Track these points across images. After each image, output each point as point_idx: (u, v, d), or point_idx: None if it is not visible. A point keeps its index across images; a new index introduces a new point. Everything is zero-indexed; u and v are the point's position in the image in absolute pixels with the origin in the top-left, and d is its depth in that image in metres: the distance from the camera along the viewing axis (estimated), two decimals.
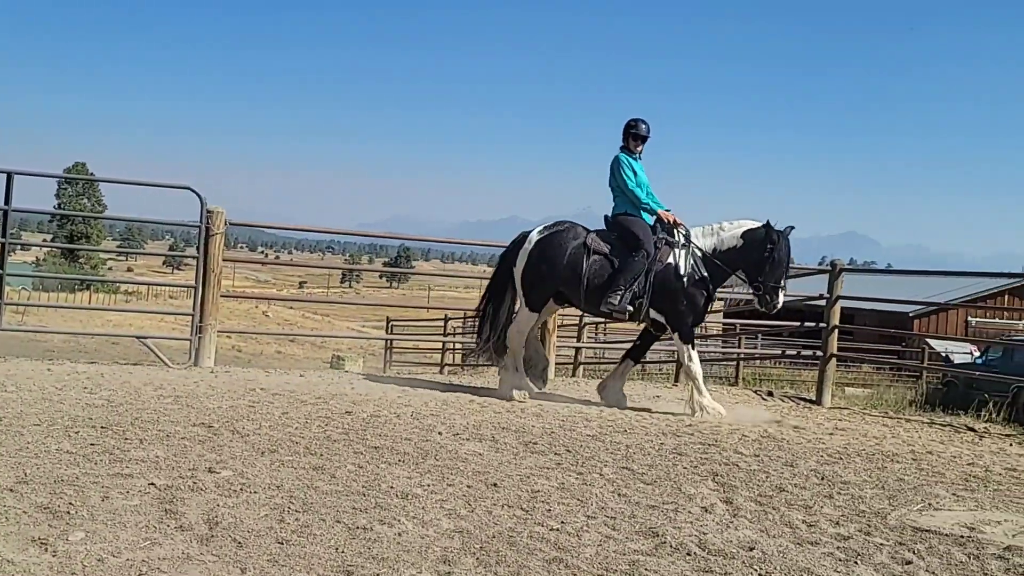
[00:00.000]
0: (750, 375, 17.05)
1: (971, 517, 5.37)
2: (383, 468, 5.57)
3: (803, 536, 4.70)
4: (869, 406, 11.84)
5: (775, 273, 8.62)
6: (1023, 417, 10.54)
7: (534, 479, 5.58)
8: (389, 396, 8.68)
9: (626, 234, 8.93)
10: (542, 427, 7.55)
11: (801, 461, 6.85)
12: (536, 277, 9.11)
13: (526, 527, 4.50)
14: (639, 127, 9.24)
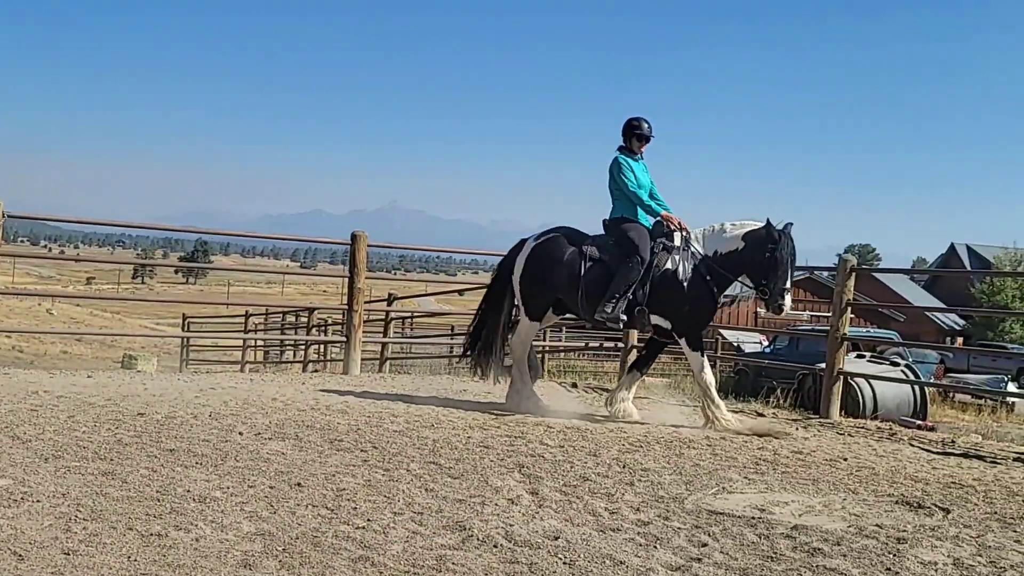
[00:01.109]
0: (555, 367, 17.44)
1: (761, 499, 5.68)
2: (179, 471, 5.36)
3: (606, 523, 4.84)
4: (667, 394, 12.35)
5: (780, 274, 8.23)
6: (808, 402, 11.24)
7: (339, 477, 5.51)
8: (186, 396, 8.36)
9: (622, 239, 8.58)
10: (348, 424, 7.46)
11: (604, 450, 7.06)
12: (535, 285, 8.87)
13: (331, 526, 4.43)
14: (642, 127, 8.86)
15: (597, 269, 8.53)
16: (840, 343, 10.58)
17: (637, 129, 8.83)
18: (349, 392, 9.41)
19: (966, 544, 4.83)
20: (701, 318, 8.70)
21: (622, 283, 8.36)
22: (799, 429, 9.23)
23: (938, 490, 6.32)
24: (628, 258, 8.42)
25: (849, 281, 10.59)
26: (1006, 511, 5.74)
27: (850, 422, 10.23)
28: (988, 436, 10.43)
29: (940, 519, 5.41)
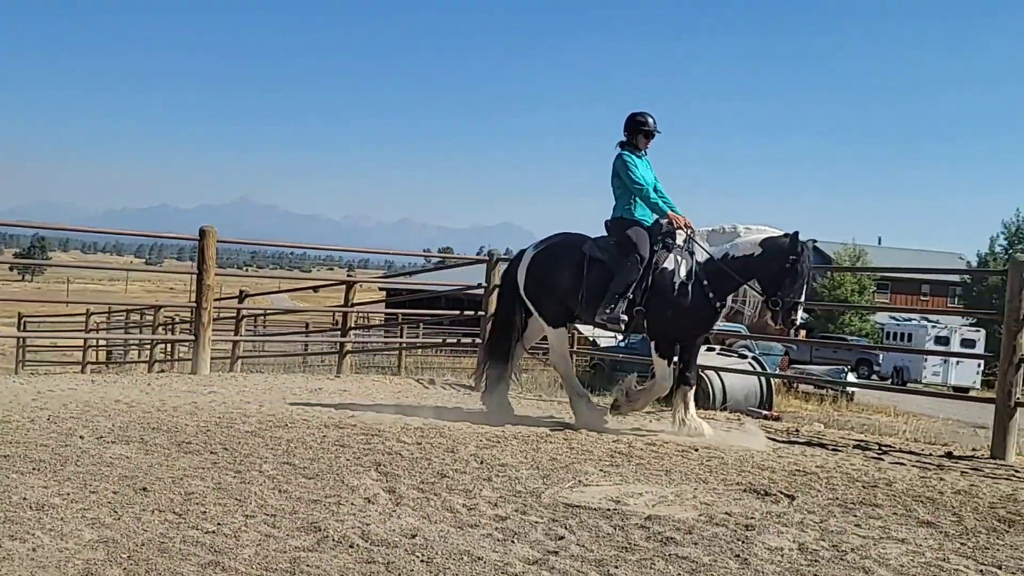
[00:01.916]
0: (412, 364, 17.38)
1: (617, 491, 5.80)
2: (15, 478, 5.09)
3: (464, 520, 4.85)
4: (524, 390, 12.45)
5: (796, 288, 7.82)
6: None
7: (188, 480, 5.34)
8: (22, 399, 7.97)
9: (621, 238, 8.33)
10: (196, 426, 7.24)
11: (462, 447, 7.07)
12: (544, 293, 8.66)
13: (179, 532, 4.29)
14: (647, 122, 8.53)
15: (598, 270, 8.29)
16: None
17: (643, 125, 8.50)
18: (198, 393, 9.15)
19: (810, 529, 5.04)
20: (685, 325, 8.18)
21: (621, 283, 8.10)
22: (652, 422, 9.46)
23: (784, 478, 6.57)
24: (627, 257, 8.16)
25: None
26: (847, 496, 6.02)
27: (700, 413, 10.54)
28: (830, 425, 10.95)
29: (786, 506, 5.63)
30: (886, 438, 9.62)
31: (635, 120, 8.52)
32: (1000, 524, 5.42)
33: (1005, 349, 8.53)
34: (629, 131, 8.54)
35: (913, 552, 4.66)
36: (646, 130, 8.50)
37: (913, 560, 4.49)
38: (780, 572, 4.17)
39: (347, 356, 13.90)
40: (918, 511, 5.67)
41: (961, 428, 15.19)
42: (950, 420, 17.44)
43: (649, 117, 8.52)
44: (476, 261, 16.96)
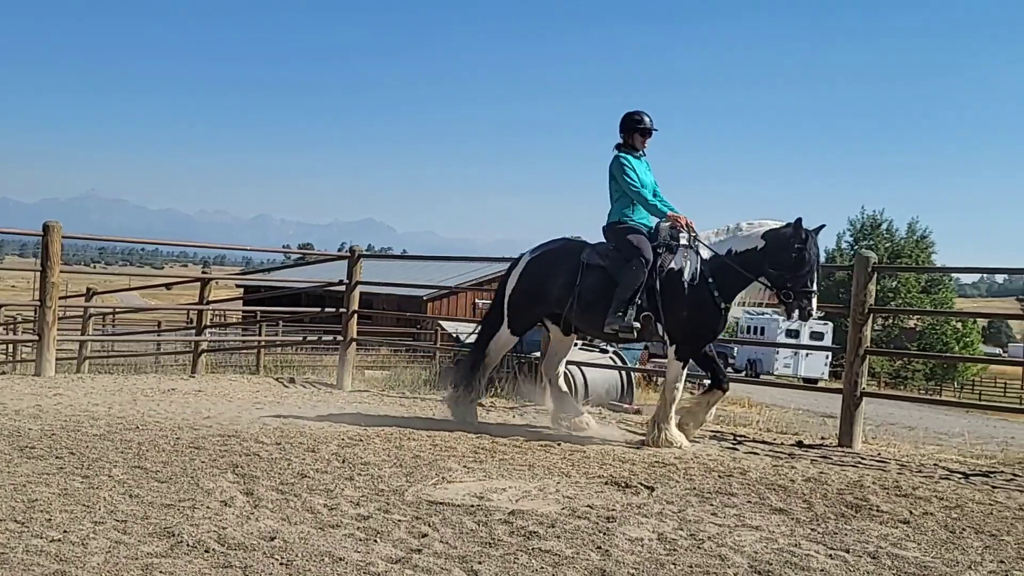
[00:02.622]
0: (271, 362, 17.03)
1: (480, 487, 5.82)
2: None
3: (325, 520, 4.78)
4: (387, 387, 12.38)
5: (806, 276, 7.53)
6: (524, 390, 11.60)
7: (31, 487, 5.10)
8: None
9: (621, 243, 7.96)
10: (40, 430, 6.92)
11: (323, 446, 6.97)
12: (525, 299, 8.41)
13: (21, 541, 4.08)
14: (644, 121, 8.23)
15: (593, 277, 7.97)
16: None
17: (640, 124, 8.22)
18: (42, 395, 8.75)
19: (669, 519, 5.16)
20: (698, 326, 7.82)
21: (627, 289, 7.73)
22: (515, 417, 9.54)
23: (644, 469, 6.72)
24: (630, 261, 7.79)
25: None
26: (704, 486, 6.19)
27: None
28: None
29: (646, 497, 5.75)
30: (740, 428, 9.96)
31: (631, 119, 8.25)
32: (848, 510, 5.67)
33: (851, 341, 8.93)
34: (625, 131, 8.25)
35: (767, 539, 4.83)
36: (642, 128, 8.21)
37: (767, 547, 4.65)
38: (640, 562, 4.25)
39: (202, 355, 13.53)
40: (771, 499, 5.87)
41: (811, 418, 15.84)
42: (800, 410, 18.14)
43: (645, 115, 8.24)
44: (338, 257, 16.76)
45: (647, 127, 8.23)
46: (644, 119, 8.21)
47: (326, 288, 17.45)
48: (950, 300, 59.86)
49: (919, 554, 4.66)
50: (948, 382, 54.77)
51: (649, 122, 8.23)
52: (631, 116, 8.25)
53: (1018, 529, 5.34)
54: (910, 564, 4.45)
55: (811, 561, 4.41)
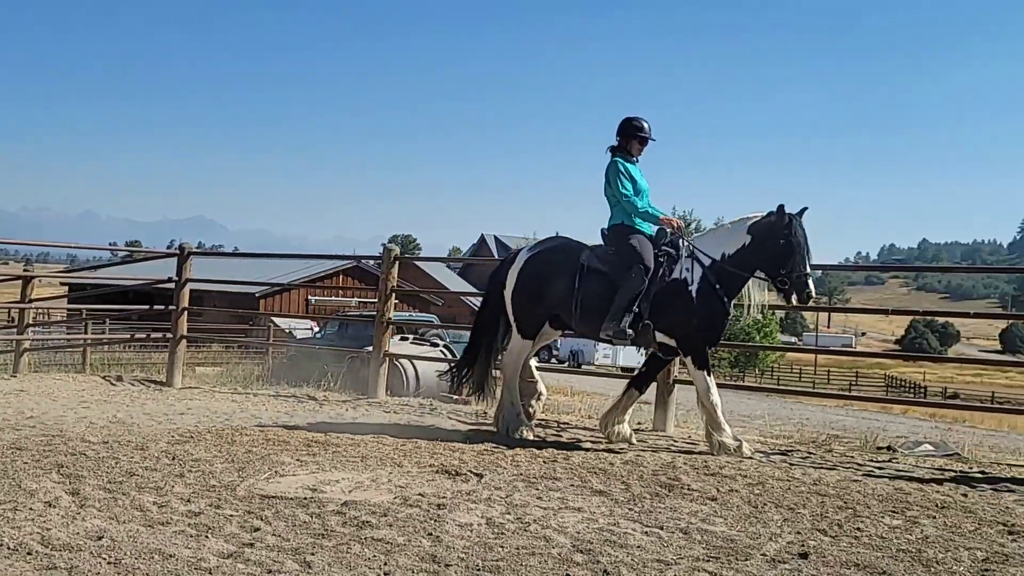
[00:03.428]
0: (98, 360, 16.22)
1: (313, 479, 5.71)
2: None
3: (154, 518, 4.58)
4: (219, 384, 12.01)
5: (798, 260, 7.29)
6: (356, 384, 11.47)
7: None
8: None
9: (622, 248, 7.61)
10: None
11: (152, 444, 6.69)
12: (528, 300, 7.90)
13: None
14: (643, 128, 7.87)
15: (594, 281, 7.62)
16: (386, 327, 10.94)
17: (639, 131, 7.87)
18: None
19: (497, 504, 5.20)
20: (710, 333, 7.56)
21: (626, 295, 7.43)
22: (348, 410, 9.42)
23: (473, 458, 6.75)
24: (631, 268, 7.47)
25: (393, 269, 11.00)
26: (530, 472, 6.27)
27: (395, 400, 10.63)
28: None
29: (475, 484, 5.78)
30: (564, 416, 10.13)
31: (631, 125, 7.89)
32: (662, 489, 5.85)
33: None
34: (624, 136, 7.90)
35: (588, 519, 4.93)
36: (642, 136, 7.88)
37: (588, 526, 4.75)
38: (469, 546, 4.27)
39: (24, 354, 12.77)
40: (592, 481, 6.00)
41: None
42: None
43: (645, 123, 7.91)
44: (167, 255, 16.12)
45: (646, 135, 7.90)
46: (644, 126, 7.88)
47: (155, 286, 16.77)
48: None
49: (726, 528, 4.86)
50: (750, 369, 57.40)
51: (649, 130, 7.91)
52: (632, 122, 7.90)
53: (813, 503, 5.64)
54: (718, 538, 4.64)
55: (628, 538, 4.53)
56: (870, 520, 5.20)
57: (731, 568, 4.08)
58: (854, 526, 5.03)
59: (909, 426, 17.74)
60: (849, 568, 4.17)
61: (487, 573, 3.85)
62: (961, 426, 19.54)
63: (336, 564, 3.92)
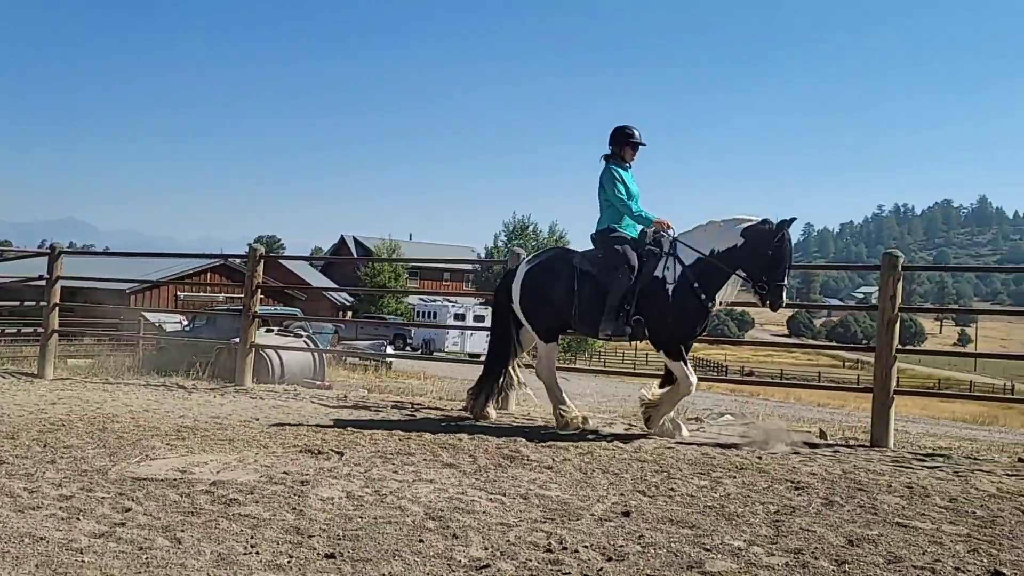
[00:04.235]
0: None
1: (183, 462, 5.48)
2: None
3: (25, 503, 4.29)
4: (91, 374, 11.39)
5: (781, 270, 7.00)
6: (224, 373, 11.12)
7: None
8: None
9: (609, 251, 7.32)
10: None
11: (23, 433, 6.28)
12: (537, 307, 7.63)
13: None
14: (635, 135, 7.53)
15: (588, 283, 7.37)
16: (252, 320, 10.64)
17: (631, 137, 7.56)
18: None
19: (357, 479, 5.12)
20: (683, 328, 7.19)
21: (616, 296, 7.19)
22: (216, 397, 9.10)
23: (335, 437, 6.62)
24: (617, 269, 7.23)
25: (259, 267, 10.71)
26: (387, 448, 6.21)
27: (262, 387, 10.34)
28: (373, 390, 11.25)
29: (336, 461, 5.68)
30: (418, 398, 10.10)
31: (623, 132, 7.60)
32: (504, 460, 5.90)
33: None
34: (616, 143, 7.60)
35: (439, 489, 4.92)
36: (634, 142, 7.58)
37: (439, 496, 4.74)
38: (331, 518, 4.18)
39: None
40: (443, 456, 5.99)
41: None
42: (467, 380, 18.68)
43: (636, 130, 7.62)
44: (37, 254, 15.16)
45: (638, 141, 7.62)
46: (635, 133, 7.60)
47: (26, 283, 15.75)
48: None
49: (560, 493, 4.94)
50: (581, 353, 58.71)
51: (639, 136, 7.63)
52: (623, 130, 7.61)
53: (634, 468, 5.81)
54: (553, 501, 4.71)
55: (475, 505, 4.55)
56: (682, 481, 5.40)
57: (564, 528, 4.15)
58: (668, 487, 5.21)
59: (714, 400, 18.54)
60: (664, 523, 4.31)
61: (347, 542, 3.79)
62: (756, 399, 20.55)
63: (205, 539, 3.77)
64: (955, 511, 4.82)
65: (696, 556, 3.73)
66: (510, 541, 3.88)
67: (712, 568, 3.57)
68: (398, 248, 66.79)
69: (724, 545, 3.92)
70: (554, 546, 3.81)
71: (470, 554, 3.67)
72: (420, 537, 3.89)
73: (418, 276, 70.83)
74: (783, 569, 3.59)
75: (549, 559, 3.63)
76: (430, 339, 46.72)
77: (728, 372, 54.67)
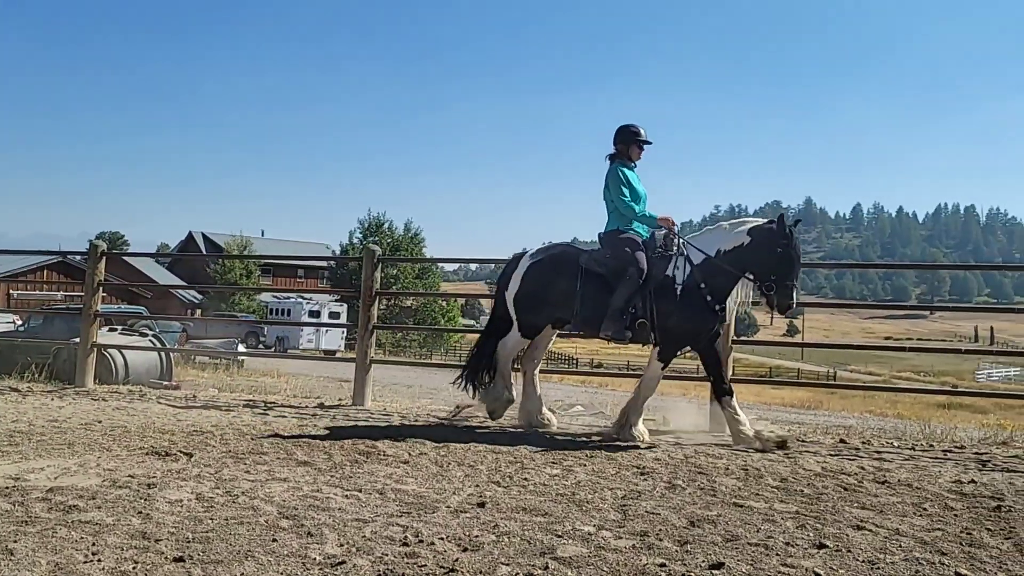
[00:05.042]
0: None
1: (16, 469, 5.11)
2: None
3: None
4: None
5: (790, 271, 6.73)
6: (63, 375, 10.49)
7: None
8: None
9: (618, 251, 7.04)
10: None
11: None
12: (530, 302, 7.35)
13: None
14: (641, 133, 7.26)
15: (593, 283, 7.10)
16: (93, 319, 10.09)
17: (637, 136, 7.27)
18: None
19: (207, 480, 4.92)
20: (687, 331, 6.97)
21: (621, 297, 6.92)
22: (54, 399, 8.56)
23: (183, 438, 6.35)
24: (626, 271, 6.95)
25: (100, 264, 10.21)
26: (238, 448, 6.00)
27: (104, 388, 9.81)
28: (223, 389, 10.87)
29: (185, 463, 5.44)
30: (271, 396, 9.83)
31: (630, 132, 7.31)
32: (360, 456, 5.82)
33: (362, 319, 9.23)
34: (623, 142, 7.31)
35: (293, 487, 4.80)
36: (640, 141, 7.32)
37: (294, 494, 4.62)
38: (180, 521, 4.01)
39: None
40: (297, 454, 5.85)
41: (330, 383, 16.08)
42: (322, 377, 18.38)
43: (641, 128, 7.35)
44: None
45: (644, 140, 7.36)
46: (641, 132, 7.34)
47: None
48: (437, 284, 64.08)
49: (416, 486, 4.92)
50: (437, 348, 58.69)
51: (645, 135, 7.37)
52: (629, 129, 7.34)
53: (489, 460, 5.85)
54: (409, 495, 4.68)
55: (331, 502, 4.46)
56: (535, 471, 5.48)
57: (420, 521, 4.13)
58: (522, 477, 5.28)
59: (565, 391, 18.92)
60: (518, 512, 4.36)
61: (197, 544, 3.64)
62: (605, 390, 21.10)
63: (41, 549, 3.53)
64: (785, 490, 5.11)
65: (548, 543, 3.79)
66: (366, 536, 3.83)
67: (563, 553, 3.63)
68: (250, 245, 64.90)
69: (575, 531, 4.01)
70: (410, 539, 3.79)
71: (325, 551, 3.60)
72: (274, 536, 3.78)
73: (271, 273, 68.94)
74: (630, 551, 3.70)
75: (405, 552, 3.60)
76: (284, 336, 45.60)
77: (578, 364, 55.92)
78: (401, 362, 20.81)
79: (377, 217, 61.58)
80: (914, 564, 3.63)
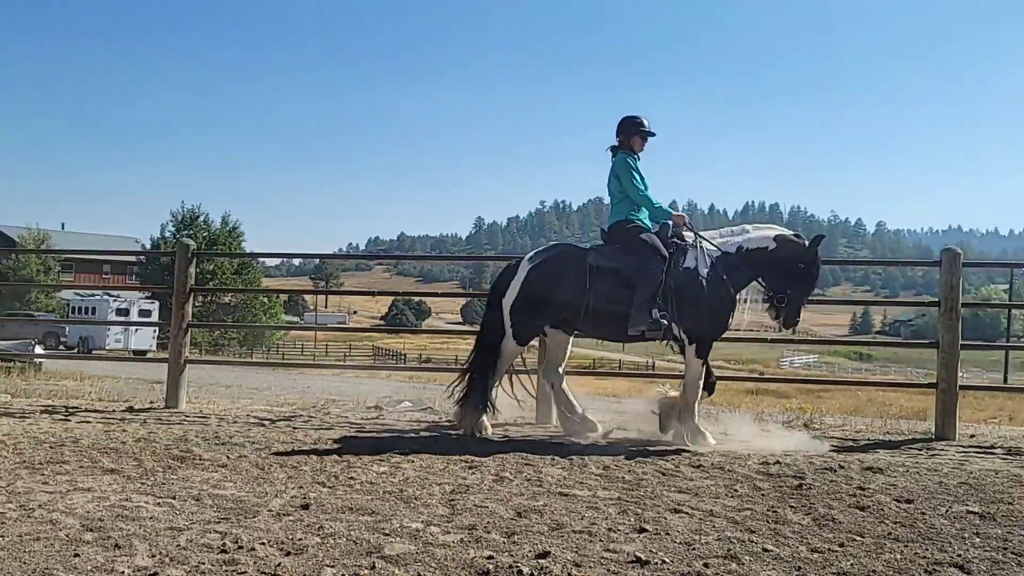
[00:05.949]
0: None
1: None
2: None
3: None
4: None
5: (808, 289, 6.76)
6: None
7: None
8: None
9: (635, 242, 6.80)
10: None
11: None
12: (530, 308, 6.92)
13: None
14: (645, 124, 7.10)
15: (605, 280, 6.75)
16: None
17: (641, 127, 7.08)
18: None
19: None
20: (718, 323, 6.75)
21: (647, 289, 6.62)
22: None
23: None
24: (648, 260, 6.67)
25: None
26: (35, 458, 5.58)
27: None
28: (17, 395, 10.06)
29: None
30: (73, 400, 9.20)
31: (633, 122, 7.09)
32: (174, 462, 5.54)
33: (175, 317, 8.79)
34: (626, 133, 7.09)
35: (99, 498, 4.50)
36: (644, 132, 7.10)
37: (99, 505, 4.33)
38: None
39: None
40: (103, 461, 5.50)
41: (141, 385, 15.19)
42: (132, 379, 17.36)
43: (645, 119, 7.13)
44: None
45: (647, 130, 7.13)
46: (644, 122, 7.13)
47: None
48: (258, 280, 62.10)
49: (236, 491, 4.73)
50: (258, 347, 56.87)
51: (649, 125, 7.14)
52: (633, 120, 7.12)
53: (313, 460, 5.71)
54: (228, 500, 4.50)
55: (141, 511, 4.22)
56: (362, 469, 5.40)
57: (240, 526, 3.97)
58: (348, 476, 5.19)
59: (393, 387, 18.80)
60: (344, 512, 4.28)
61: None
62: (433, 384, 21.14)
63: None
64: (608, 478, 5.29)
65: (375, 541, 3.75)
66: (180, 545, 3.64)
67: (391, 552, 3.60)
68: (48, 239, 60.63)
69: (403, 528, 3.98)
70: (229, 546, 3.64)
71: (135, 563, 3.39)
72: (76, 551, 3.53)
73: (73, 269, 64.59)
74: (458, 545, 3.72)
75: (224, 560, 3.45)
76: (88, 336, 42.82)
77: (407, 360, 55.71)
78: (219, 361, 20.05)
79: (192, 210, 58.97)
80: (727, 543, 3.85)
